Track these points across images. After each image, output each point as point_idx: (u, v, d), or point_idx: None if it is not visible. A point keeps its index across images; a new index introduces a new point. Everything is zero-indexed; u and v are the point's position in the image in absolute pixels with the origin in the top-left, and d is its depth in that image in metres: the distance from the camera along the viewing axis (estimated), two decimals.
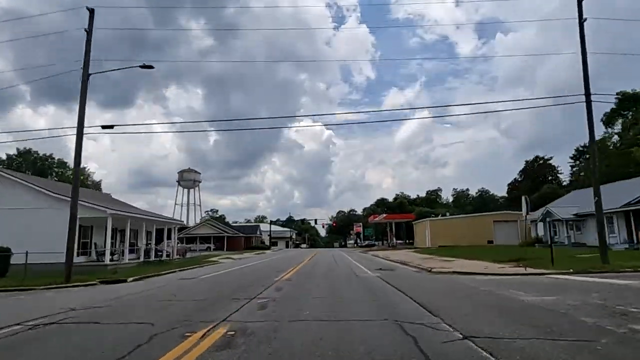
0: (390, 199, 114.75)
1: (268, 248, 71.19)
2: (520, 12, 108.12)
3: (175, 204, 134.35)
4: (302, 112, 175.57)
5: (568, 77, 72.17)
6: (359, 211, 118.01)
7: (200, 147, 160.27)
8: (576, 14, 16.83)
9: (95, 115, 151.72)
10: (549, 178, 62.87)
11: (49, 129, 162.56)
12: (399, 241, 67.24)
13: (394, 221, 62.76)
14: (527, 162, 65.50)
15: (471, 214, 50.55)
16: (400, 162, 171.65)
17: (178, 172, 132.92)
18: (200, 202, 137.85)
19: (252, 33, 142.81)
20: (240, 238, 66.42)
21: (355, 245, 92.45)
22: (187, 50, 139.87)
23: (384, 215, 62.99)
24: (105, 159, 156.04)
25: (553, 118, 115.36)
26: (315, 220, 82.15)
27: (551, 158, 64.94)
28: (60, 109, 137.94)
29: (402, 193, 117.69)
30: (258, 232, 75.69)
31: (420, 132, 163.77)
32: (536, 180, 60.83)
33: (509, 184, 68.09)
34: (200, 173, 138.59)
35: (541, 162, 64.51)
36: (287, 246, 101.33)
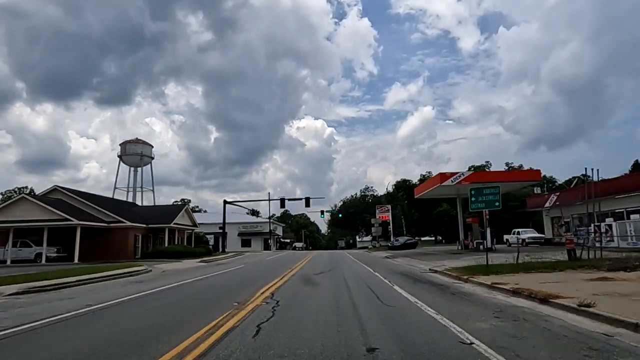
0: (415, 180, 77.51)
1: (205, 253, 34.19)
2: None
3: (115, 187, 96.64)
4: (303, 109, 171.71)
5: None
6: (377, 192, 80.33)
7: (201, 144, 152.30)
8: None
9: (94, 115, 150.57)
10: None
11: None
12: (474, 240, 30.16)
13: (486, 187, 25.55)
14: None
15: None
16: (402, 159, 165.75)
17: (120, 144, 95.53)
18: (153, 186, 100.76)
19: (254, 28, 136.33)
20: (128, 231, 29.37)
21: (377, 244, 55.21)
22: (186, 45, 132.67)
23: (466, 174, 25.16)
24: (104, 159, 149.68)
25: None
26: (307, 200, 45.02)
27: None
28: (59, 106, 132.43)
29: (430, 173, 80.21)
30: (187, 221, 37.85)
31: (423, 129, 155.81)
32: None
33: None
34: (152, 146, 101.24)
35: None
36: (265, 247, 64.04)
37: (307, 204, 46.28)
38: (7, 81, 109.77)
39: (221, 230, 67.47)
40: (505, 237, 38.02)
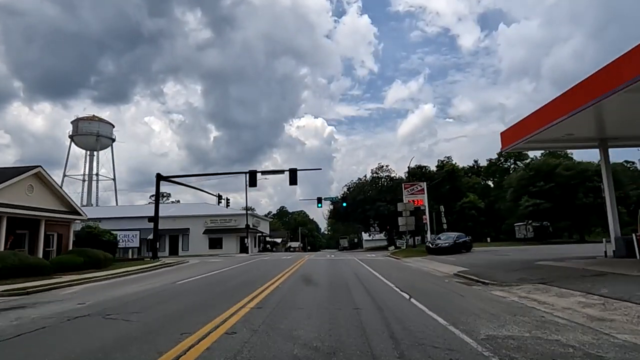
0: (432, 166, 59.61)
1: (85, 264, 16.92)
2: None
3: (65, 175, 79.20)
4: (302, 108, 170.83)
5: None
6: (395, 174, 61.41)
7: (201, 143, 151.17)
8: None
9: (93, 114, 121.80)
10: None
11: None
12: None
13: None
14: None
15: None
16: (402, 157, 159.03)
17: (72, 122, 78.88)
18: (114, 173, 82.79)
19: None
20: None
21: (404, 244, 37.82)
22: (184, 43, 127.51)
23: None
24: (103, 158, 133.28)
25: None
26: (292, 174, 27.71)
27: None
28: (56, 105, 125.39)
29: (449, 159, 62.53)
30: (48, 204, 19.80)
31: (423, 127, 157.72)
32: None
33: None
34: (113, 125, 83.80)
35: None
36: (242, 249, 46.42)
37: (294, 181, 28.78)
38: (4, 80, 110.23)
39: (187, 228, 49.71)
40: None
